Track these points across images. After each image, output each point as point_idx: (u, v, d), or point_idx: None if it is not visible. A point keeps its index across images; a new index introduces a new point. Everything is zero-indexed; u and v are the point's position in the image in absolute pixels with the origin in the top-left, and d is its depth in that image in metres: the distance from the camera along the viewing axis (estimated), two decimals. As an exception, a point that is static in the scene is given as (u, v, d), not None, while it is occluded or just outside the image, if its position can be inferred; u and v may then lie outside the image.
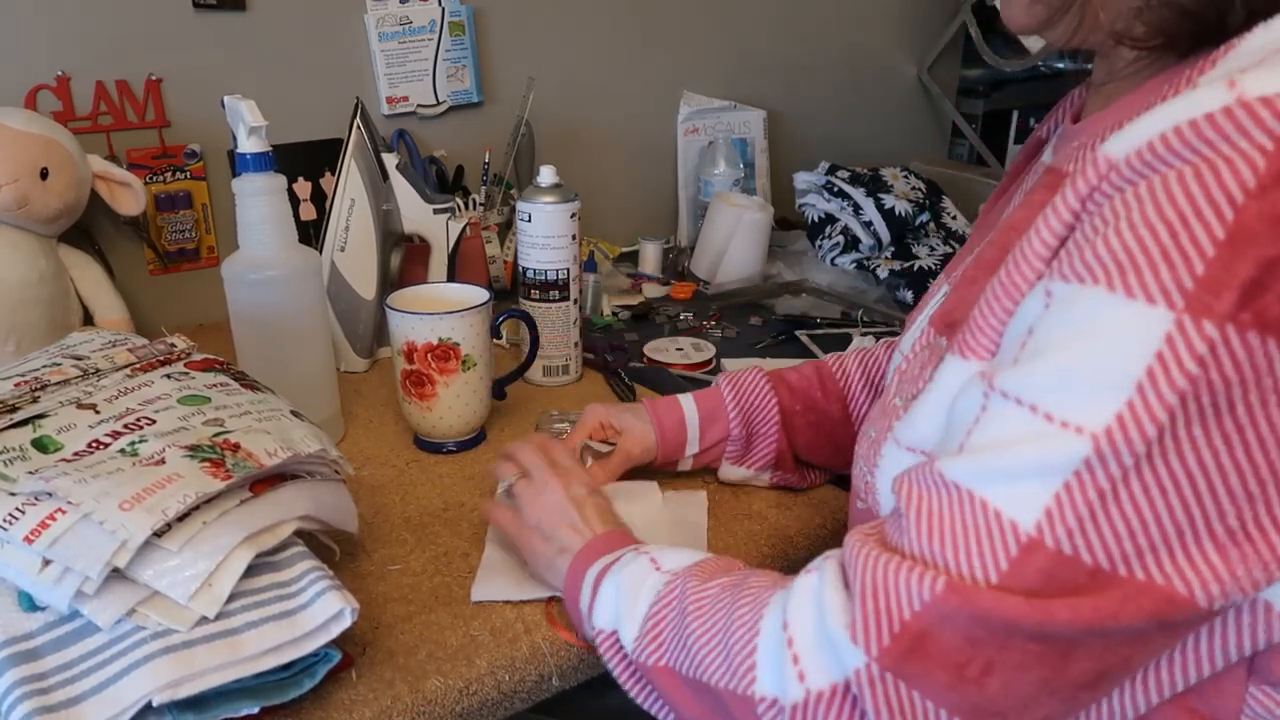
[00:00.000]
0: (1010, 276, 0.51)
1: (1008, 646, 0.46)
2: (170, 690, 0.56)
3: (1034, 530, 0.44)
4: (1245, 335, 0.40)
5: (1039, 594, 0.44)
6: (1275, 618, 0.46)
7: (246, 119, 0.88)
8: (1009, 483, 0.46)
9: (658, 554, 0.67)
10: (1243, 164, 0.40)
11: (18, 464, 0.62)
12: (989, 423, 0.48)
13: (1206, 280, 0.41)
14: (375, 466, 0.96)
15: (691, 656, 0.58)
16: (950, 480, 0.48)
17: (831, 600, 0.51)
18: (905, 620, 0.47)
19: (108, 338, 0.80)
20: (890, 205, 1.54)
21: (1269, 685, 0.50)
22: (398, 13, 1.40)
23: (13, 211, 1.07)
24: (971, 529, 0.46)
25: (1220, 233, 0.40)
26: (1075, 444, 0.43)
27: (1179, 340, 0.41)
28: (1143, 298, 0.42)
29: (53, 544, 0.57)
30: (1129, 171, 0.44)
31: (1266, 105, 0.40)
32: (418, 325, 0.93)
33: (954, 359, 0.56)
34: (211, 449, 0.65)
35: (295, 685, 0.61)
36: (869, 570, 0.49)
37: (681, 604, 0.60)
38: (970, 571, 0.46)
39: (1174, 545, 0.43)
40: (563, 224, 1.09)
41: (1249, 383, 0.41)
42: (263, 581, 0.63)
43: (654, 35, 1.67)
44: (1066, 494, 0.44)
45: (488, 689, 0.68)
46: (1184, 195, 0.42)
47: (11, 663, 0.58)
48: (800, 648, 0.52)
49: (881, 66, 1.96)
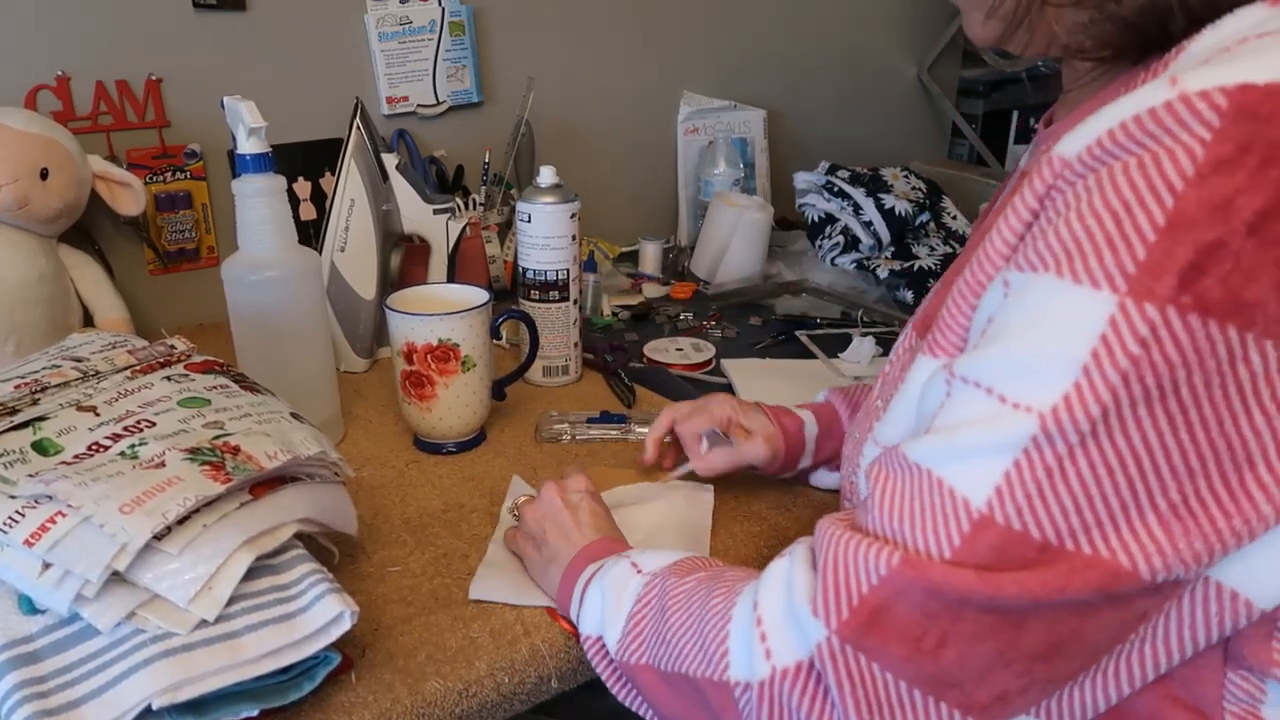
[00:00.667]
0: (974, 275, 0.54)
1: (961, 618, 0.47)
2: (170, 693, 0.56)
3: (985, 507, 0.46)
4: (1186, 318, 0.42)
5: (990, 569, 0.46)
6: (1238, 602, 0.48)
7: (246, 120, 0.88)
8: (963, 461, 0.48)
9: (638, 557, 0.69)
10: (1182, 154, 0.42)
11: (18, 467, 0.62)
12: (950, 407, 0.50)
13: (1147, 264, 0.42)
14: (375, 467, 0.96)
15: (670, 650, 0.60)
16: (912, 461, 0.50)
17: (799, 579, 0.54)
18: (864, 594, 0.49)
19: (107, 339, 0.80)
20: (890, 205, 1.54)
21: (1245, 670, 0.51)
22: (398, 13, 1.40)
23: (13, 211, 1.07)
24: (928, 507, 0.49)
25: (1160, 219, 0.42)
26: (1024, 423, 0.45)
27: (1121, 323, 0.43)
28: (1088, 282, 0.44)
29: (53, 547, 0.57)
30: (1080, 167, 0.46)
31: (1204, 98, 0.42)
32: (417, 326, 0.93)
33: (923, 358, 0.58)
34: (211, 452, 0.65)
35: (295, 688, 0.61)
36: (833, 548, 0.52)
37: (661, 601, 0.63)
38: (925, 547, 0.48)
39: (1119, 519, 0.45)
40: (563, 224, 1.09)
41: (1191, 364, 0.43)
42: (262, 584, 0.63)
43: (654, 35, 1.67)
44: (1016, 471, 0.46)
45: (487, 691, 0.68)
46: (1128, 185, 0.44)
47: (11, 666, 0.58)
48: (768, 626, 0.54)
49: (881, 66, 1.96)
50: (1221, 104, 0.42)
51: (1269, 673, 0.50)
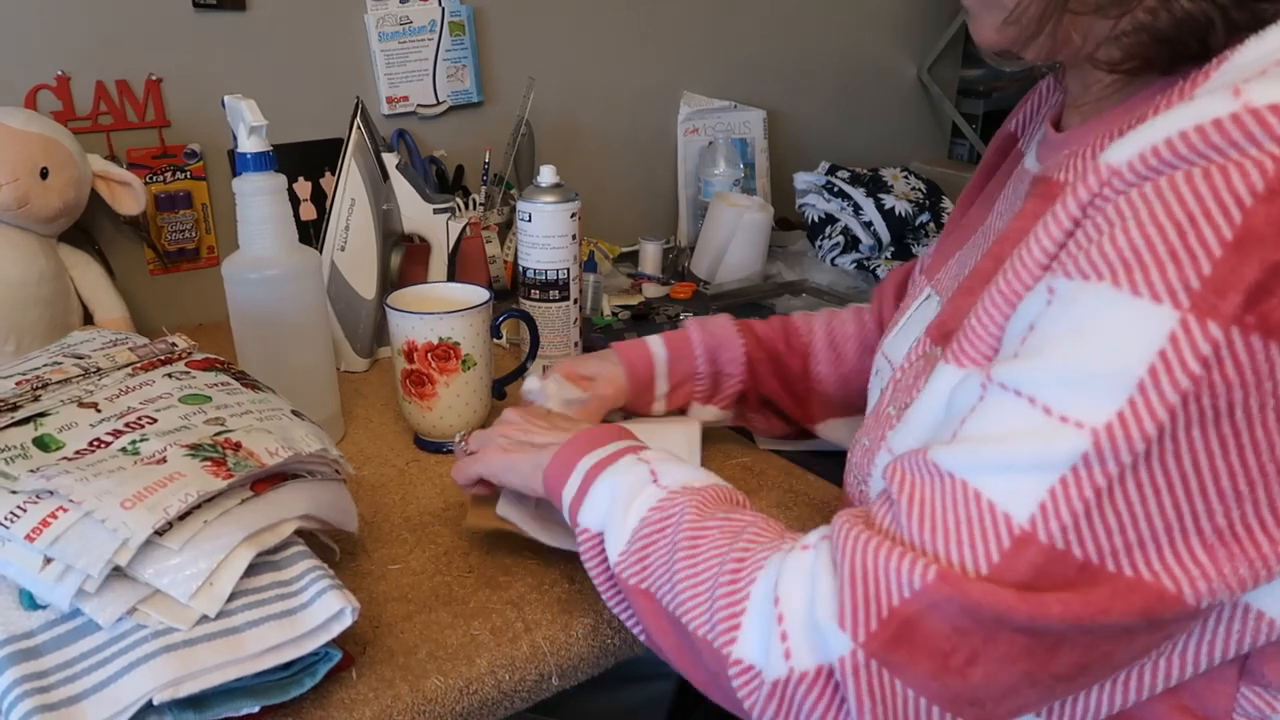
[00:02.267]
0: (1009, 284, 0.51)
1: (995, 639, 0.46)
2: (171, 689, 0.56)
3: (1027, 524, 0.45)
4: (1249, 338, 0.41)
5: (1029, 587, 0.45)
6: (1263, 622, 0.47)
7: (246, 118, 0.88)
8: (1004, 475, 0.46)
9: (658, 465, 0.65)
10: (1252, 168, 0.41)
11: (19, 462, 0.62)
12: (986, 413, 0.48)
13: (1213, 281, 0.41)
14: (375, 466, 0.96)
15: (675, 593, 0.57)
16: (945, 469, 0.48)
17: (824, 586, 0.51)
18: (893, 607, 0.47)
19: (109, 336, 0.80)
20: (890, 205, 1.54)
21: (1260, 686, 0.50)
22: (398, 13, 1.41)
23: (13, 211, 1.07)
24: (964, 519, 0.46)
25: (1228, 234, 0.41)
26: (1075, 439, 0.43)
27: (1183, 340, 0.41)
28: (1148, 295, 0.42)
29: (54, 542, 0.57)
30: (1132, 176, 0.44)
31: (1274, 112, 0.41)
32: (418, 325, 0.93)
33: (947, 367, 0.56)
34: (213, 448, 0.65)
35: (296, 684, 0.61)
36: (857, 554, 0.49)
37: (674, 537, 0.59)
38: (961, 561, 0.46)
39: (1163, 543, 0.43)
40: (563, 224, 1.09)
41: (1249, 386, 0.41)
42: (263, 580, 0.63)
43: (654, 35, 1.67)
44: (1062, 489, 0.44)
45: (488, 688, 0.68)
46: (1192, 196, 0.42)
47: (12, 660, 0.58)
48: (790, 626, 0.51)
49: (881, 66, 1.96)
50: None
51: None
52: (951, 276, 0.69)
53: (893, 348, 0.72)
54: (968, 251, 0.70)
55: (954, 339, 0.56)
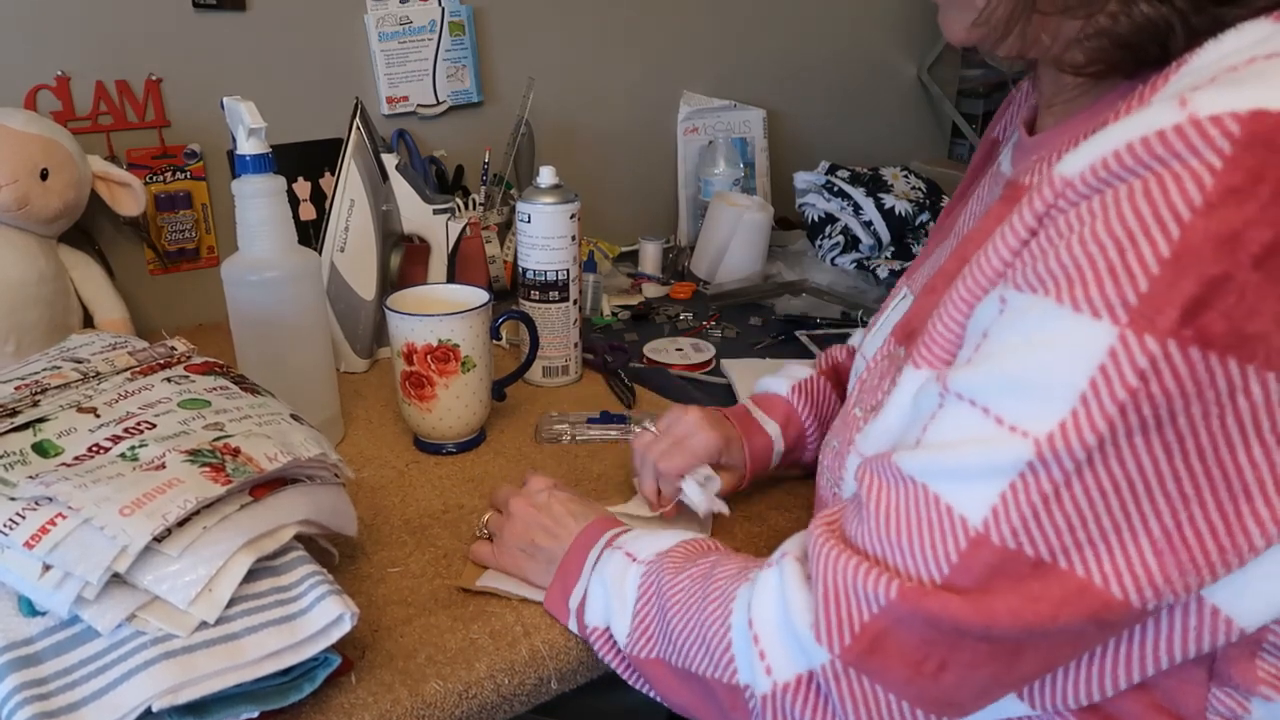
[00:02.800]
0: (968, 289, 0.53)
1: (959, 647, 0.48)
2: (170, 695, 0.56)
3: (981, 526, 0.47)
4: (1187, 351, 0.42)
5: (985, 587, 0.47)
6: (1219, 619, 0.48)
7: (246, 120, 0.88)
8: (960, 480, 0.48)
9: (631, 544, 0.69)
10: (1190, 181, 0.41)
11: (18, 468, 0.62)
12: (944, 420, 0.50)
13: (1150, 297, 0.42)
14: (375, 468, 0.96)
15: (677, 649, 0.61)
16: (906, 474, 0.50)
17: (794, 598, 0.54)
18: (865, 622, 0.50)
19: (108, 340, 0.80)
20: (890, 205, 1.54)
21: (1231, 688, 0.51)
22: (398, 13, 1.40)
23: (13, 212, 1.07)
24: (925, 522, 0.49)
25: (1166, 250, 0.41)
26: (1020, 447, 0.45)
27: (1121, 354, 0.42)
28: (1088, 311, 0.43)
29: (53, 549, 0.57)
30: (1083, 187, 0.45)
31: (1216, 124, 0.41)
32: (417, 326, 0.93)
33: (911, 370, 0.57)
34: (212, 453, 0.65)
35: (295, 690, 0.61)
36: (831, 571, 0.52)
37: (660, 599, 0.63)
38: (920, 569, 0.49)
39: (1112, 543, 0.45)
40: (562, 225, 1.09)
41: (1190, 395, 0.42)
42: (263, 586, 0.63)
43: (654, 35, 1.67)
44: (1012, 494, 0.46)
45: (487, 692, 0.68)
46: (1133, 211, 0.43)
47: (12, 668, 0.58)
48: (766, 643, 0.55)
49: (881, 66, 1.96)
50: (1234, 130, 0.40)
51: (1254, 690, 0.51)
52: (924, 275, 0.70)
53: (869, 346, 0.73)
54: (941, 250, 0.71)
55: (917, 340, 0.58)
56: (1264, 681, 0.50)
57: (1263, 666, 0.50)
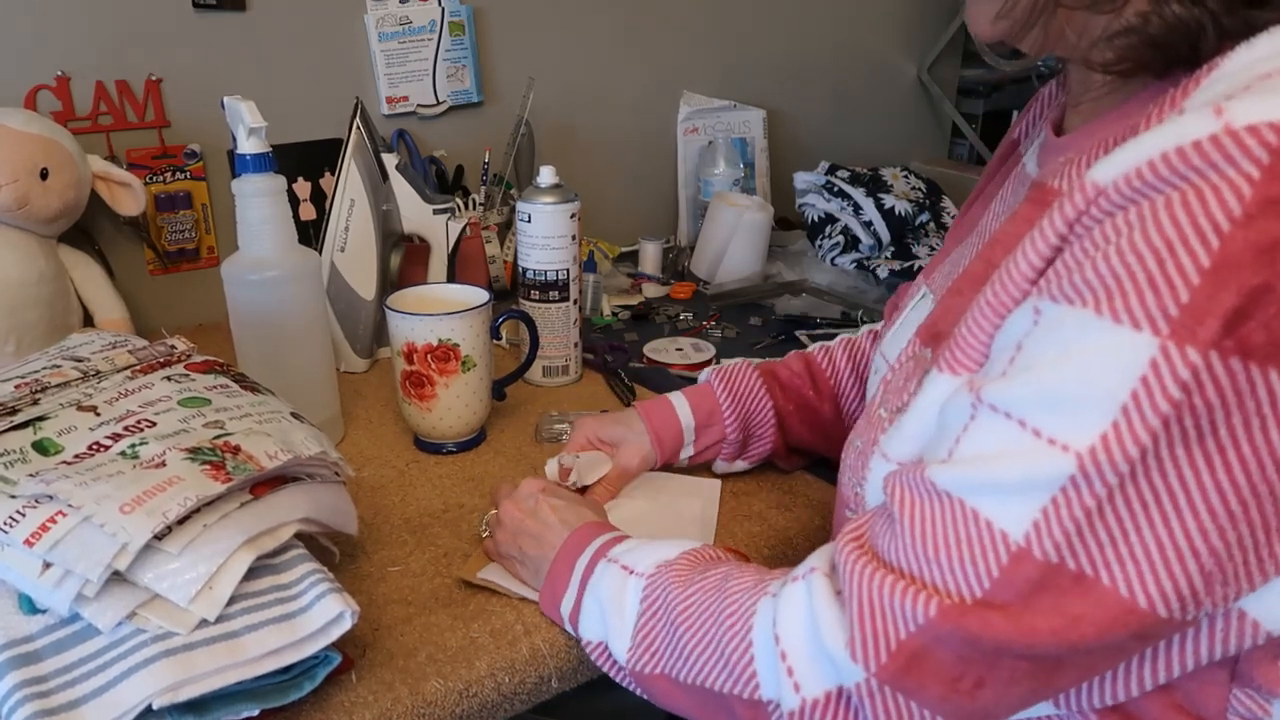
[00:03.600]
0: (996, 295, 0.52)
1: (998, 665, 0.48)
2: (170, 693, 0.56)
3: (1023, 540, 0.46)
4: (1228, 361, 0.41)
5: (1027, 602, 0.46)
6: (1245, 622, 0.48)
7: (246, 120, 0.88)
8: (999, 494, 0.47)
9: (626, 556, 0.68)
10: (1229, 192, 0.41)
11: (18, 466, 0.62)
12: (978, 433, 0.49)
13: (1191, 308, 0.41)
14: (375, 467, 0.96)
15: (689, 664, 0.60)
16: (942, 489, 0.49)
17: (824, 615, 0.53)
18: (901, 640, 0.49)
19: (108, 339, 0.80)
20: (890, 205, 1.54)
21: (1253, 689, 0.51)
22: (398, 13, 1.40)
23: (13, 212, 1.07)
24: (963, 538, 0.48)
25: (1206, 261, 0.41)
26: (1061, 461, 0.44)
27: (1163, 366, 0.42)
28: (1129, 323, 0.43)
29: (53, 547, 0.57)
30: (1117, 197, 0.45)
31: (1253, 134, 0.41)
32: (417, 326, 0.93)
33: (938, 375, 0.56)
34: (212, 451, 0.65)
35: (295, 688, 0.61)
36: (865, 589, 0.51)
37: (669, 614, 0.62)
38: (959, 584, 0.48)
39: (1153, 557, 0.44)
40: (562, 224, 1.09)
41: (1231, 406, 0.42)
42: (263, 584, 0.63)
43: (654, 35, 1.67)
44: (1054, 508, 0.45)
45: (488, 691, 0.68)
46: (1171, 222, 0.42)
47: (12, 665, 0.58)
48: (794, 659, 0.54)
49: (881, 66, 1.96)
50: (1271, 140, 0.40)
51: (1275, 692, 0.50)
52: (945, 275, 0.70)
53: (890, 346, 0.73)
54: (962, 250, 0.70)
55: (944, 345, 0.57)
56: None
57: None
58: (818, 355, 0.94)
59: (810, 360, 0.93)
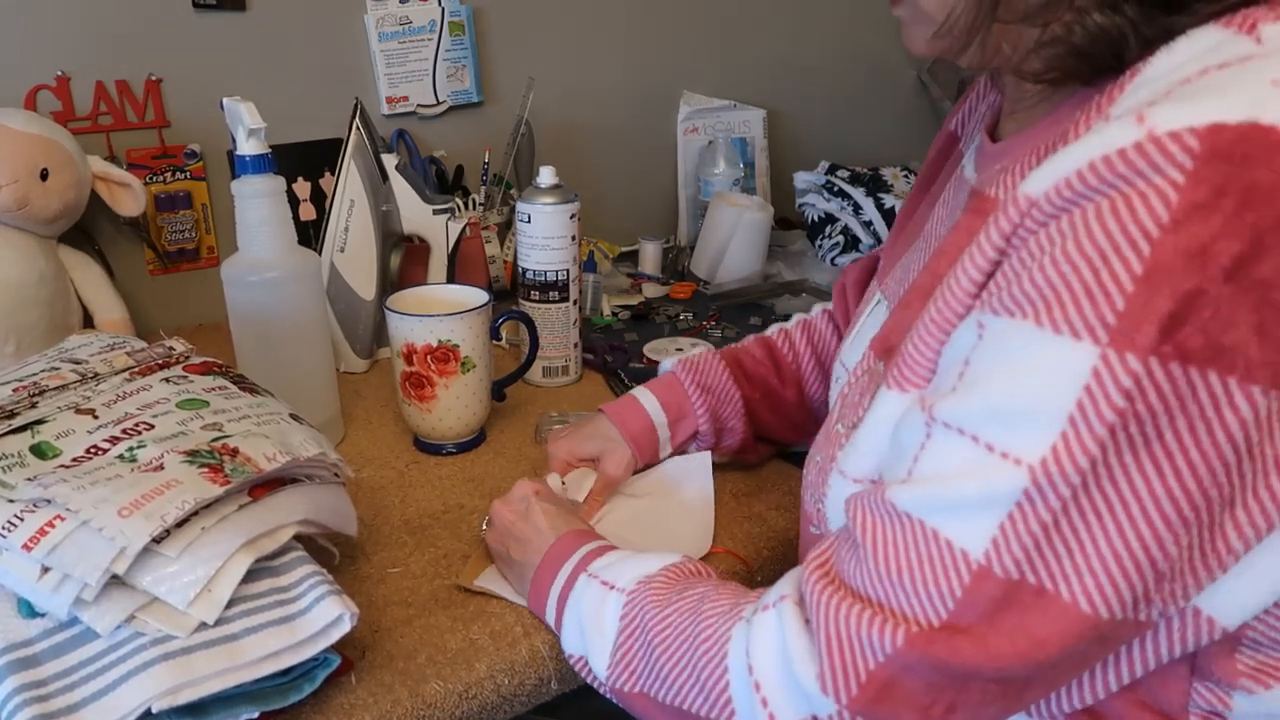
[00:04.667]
0: (940, 311, 0.53)
1: (967, 689, 0.49)
2: (169, 696, 0.56)
3: (983, 559, 0.46)
4: (1168, 367, 0.42)
5: (990, 622, 0.47)
6: (1201, 619, 0.48)
7: (245, 121, 0.88)
8: (958, 513, 0.47)
9: (607, 571, 0.67)
10: (1156, 199, 0.41)
11: (16, 470, 0.62)
12: (934, 452, 0.50)
13: (1127, 315, 0.42)
14: (375, 468, 0.96)
15: (667, 686, 0.60)
16: (902, 510, 0.50)
17: (794, 645, 0.53)
18: (871, 671, 0.50)
19: (106, 341, 0.80)
20: (890, 205, 1.54)
21: (1212, 682, 0.52)
22: (398, 13, 1.40)
23: (12, 212, 1.07)
24: (925, 559, 0.48)
25: (1138, 268, 0.42)
26: (1015, 475, 0.45)
27: (1105, 374, 0.43)
28: (1069, 333, 0.44)
29: (51, 551, 0.57)
30: (1049, 207, 0.46)
31: (1175, 140, 0.41)
32: (417, 327, 0.93)
33: (889, 392, 0.57)
34: (210, 454, 0.65)
35: (295, 690, 0.61)
36: (832, 620, 0.51)
37: (645, 634, 0.62)
38: (923, 609, 0.48)
39: (1109, 564, 0.45)
40: (562, 225, 1.09)
41: (1175, 411, 0.42)
42: (262, 587, 0.63)
43: (654, 35, 1.67)
44: (1010, 524, 0.46)
45: (487, 693, 0.68)
46: (1101, 230, 0.43)
47: (11, 669, 0.58)
48: (767, 691, 0.54)
49: (881, 66, 1.96)
50: (1193, 146, 0.41)
51: (1234, 685, 0.51)
52: (897, 282, 0.71)
53: (848, 355, 0.74)
54: (911, 256, 0.71)
55: (893, 362, 0.57)
56: (1244, 675, 0.51)
57: (1242, 660, 0.51)
58: (778, 340, 0.95)
59: (772, 346, 0.95)
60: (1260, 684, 0.51)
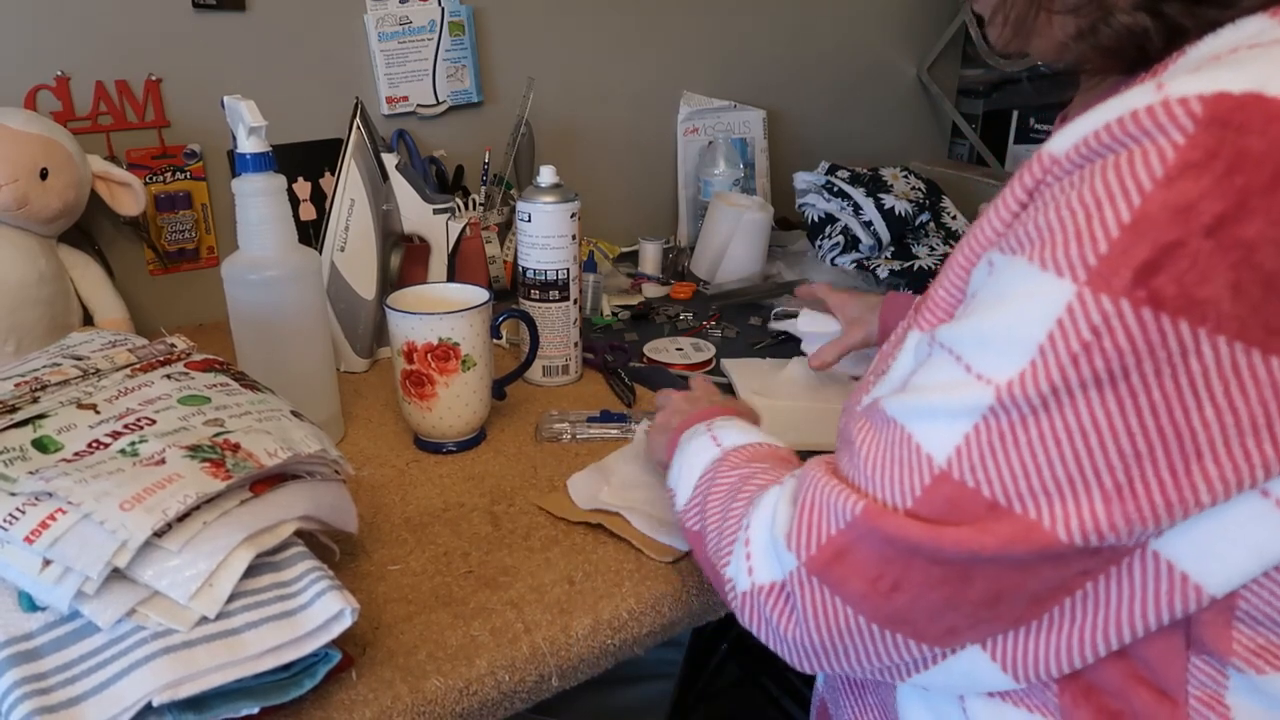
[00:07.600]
0: (964, 257, 0.56)
1: (911, 566, 0.52)
2: (170, 690, 0.56)
3: (945, 464, 0.50)
4: (1139, 311, 0.44)
5: (944, 520, 0.50)
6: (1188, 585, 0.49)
7: (246, 119, 0.88)
8: (930, 420, 0.52)
9: (719, 430, 0.76)
10: (1154, 155, 0.44)
11: (18, 464, 0.62)
12: (927, 368, 0.54)
13: (1108, 259, 0.45)
14: (375, 466, 0.96)
15: (708, 530, 0.68)
16: (890, 415, 0.55)
17: (781, 509, 0.59)
18: (831, 535, 0.54)
19: (108, 338, 0.80)
20: (890, 205, 1.54)
21: (1207, 655, 0.52)
22: (398, 13, 1.40)
23: (12, 212, 1.07)
24: (898, 458, 0.53)
25: (1126, 216, 0.45)
26: (983, 393, 0.49)
27: (1077, 310, 0.46)
28: (1053, 270, 0.47)
29: (53, 544, 0.57)
30: (1067, 164, 0.49)
31: (1183, 104, 0.44)
32: (417, 325, 0.93)
33: (913, 333, 0.61)
34: (212, 449, 0.65)
35: (295, 685, 0.61)
36: (812, 489, 0.57)
37: (708, 489, 0.70)
38: (889, 496, 0.53)
39: (1065, 491, 0.48)
40: (562, 224, 1.09)
41: (1142, 353, 0.45)
42: (263, 582, 0.63)
43: (654, 35, 1.67)
44: (974, 434, 0.49)
45: (488, 689, 0.68)
46: (1102, 182, 0.46)
47: (12, 663, 0.58)
48: (753, 547, 0.61)
49: (881, 66, 1.96)
50: (1198, 110, 0.43)
51: (1228, 660, 0.52)
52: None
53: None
54: None
55: (922, 305, 0.62)
56: (1238, 654, 0.52)
57: (1238, 637, 0.51)
58: None
59: None
60: (1255, 668, 0.51)
